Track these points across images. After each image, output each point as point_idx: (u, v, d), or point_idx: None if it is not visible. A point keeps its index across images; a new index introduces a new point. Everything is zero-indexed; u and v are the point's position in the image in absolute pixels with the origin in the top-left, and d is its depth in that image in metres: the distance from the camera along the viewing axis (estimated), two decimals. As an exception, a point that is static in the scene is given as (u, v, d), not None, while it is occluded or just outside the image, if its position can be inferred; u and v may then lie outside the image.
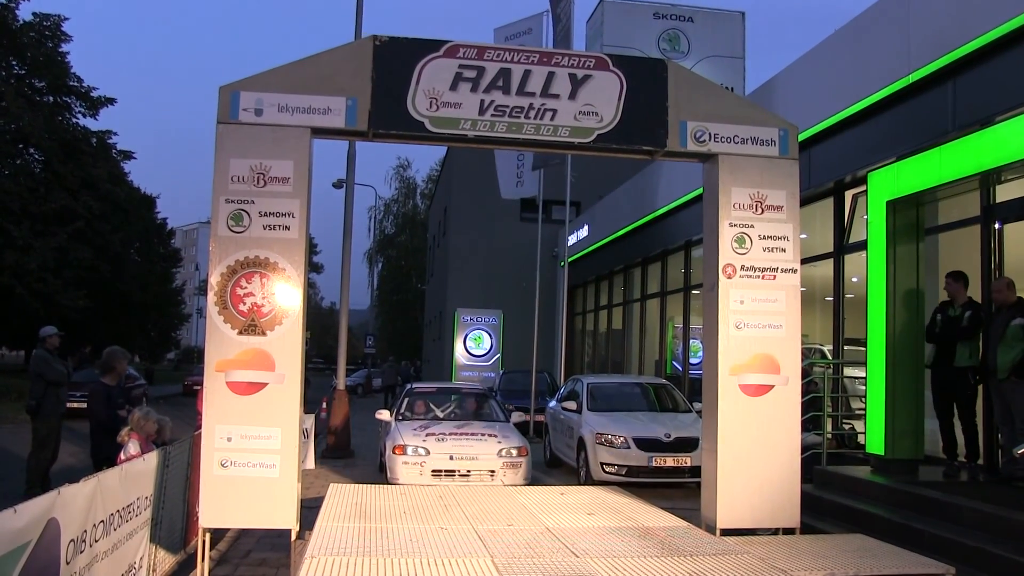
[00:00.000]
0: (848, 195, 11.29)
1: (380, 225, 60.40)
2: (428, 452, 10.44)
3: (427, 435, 10.86)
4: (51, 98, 34.89)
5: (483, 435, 10.96)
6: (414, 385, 14.51)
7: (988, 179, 8.46)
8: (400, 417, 12.13)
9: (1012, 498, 6.77)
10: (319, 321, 66.20)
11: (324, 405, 17.90)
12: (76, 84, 35.31)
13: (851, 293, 11.63)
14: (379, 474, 12.15)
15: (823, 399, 10.40)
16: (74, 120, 35.63)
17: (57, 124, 33.55)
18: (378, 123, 6.71)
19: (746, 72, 21.81)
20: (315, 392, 23.11)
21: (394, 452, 10.55)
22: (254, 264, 6.49)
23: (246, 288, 6.45)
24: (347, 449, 16.04)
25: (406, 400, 12.90)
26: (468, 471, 10.31)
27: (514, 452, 10.59)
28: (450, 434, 10.94)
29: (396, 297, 60.94)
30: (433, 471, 10.27)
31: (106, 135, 36.69)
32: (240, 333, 6.42)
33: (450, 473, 10.29)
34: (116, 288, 37.51)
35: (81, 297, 31.97)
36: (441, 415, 12.56)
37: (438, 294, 40.52)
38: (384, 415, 12.53)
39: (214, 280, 6.48)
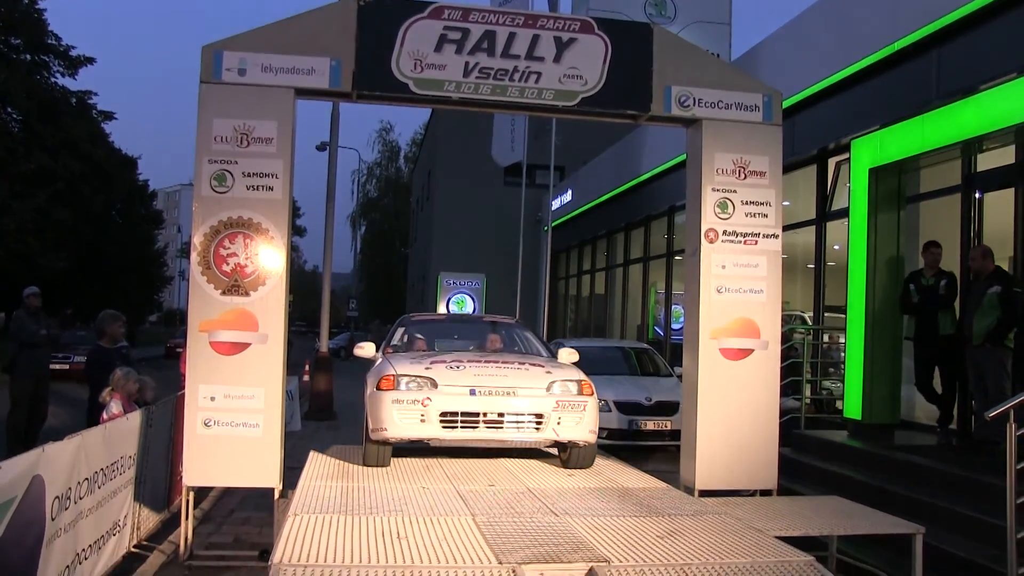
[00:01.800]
0: (831, 163, 11.34)
1: (363, 188, 60.14)
2: (434, 384, 6.79)
3: (432, 362, 7.16)
4: (28, 56, 34.29)
5: (522, 364, 7.40)
6: (412, 315, 10.01)
7: (970, 148, 8.52)
8: (391, 350, 8.18)
9: (982, 462, 6.91)
10: (302, 284, 65.93)
11: (307, 368, 17.95)
12: (54, 43, 34.68)
13: (833, 261, 11.72)
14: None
15: (803, 365, 10.53)
16: (52, 79, 35.08)
17: (35, 83, 33.01)
18: (362, 84, 6.68)
19: (732, 38, 21.70)
20: (298, 355, 23.12)
21: (379, 387, 6.86)
22: (237, 224, 6.49)
23: (229, 248, 6.45)
24: (330, 411, 16.11)
25: (400, 331, 8.74)
26: (500, 415, 6.78)
27: (572, 387, 7.03)
28: (470, 361, 7.31)
29: (379, 261, 60.80)
30: (443, 415, 6.70)
31: (86, 95, 36.17)
32: (223, 293, 6.43)
33: (471, 419, 6.76)
34: (97, 250, 37.23)
35: (61, 259, 31.71)
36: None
37: (421, 258, 40.47)
38: (366, 349, 8.20)
39: (197, 240, 6.47)
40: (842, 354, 10.55)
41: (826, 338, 11.73)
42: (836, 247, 11.48)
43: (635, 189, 18.83)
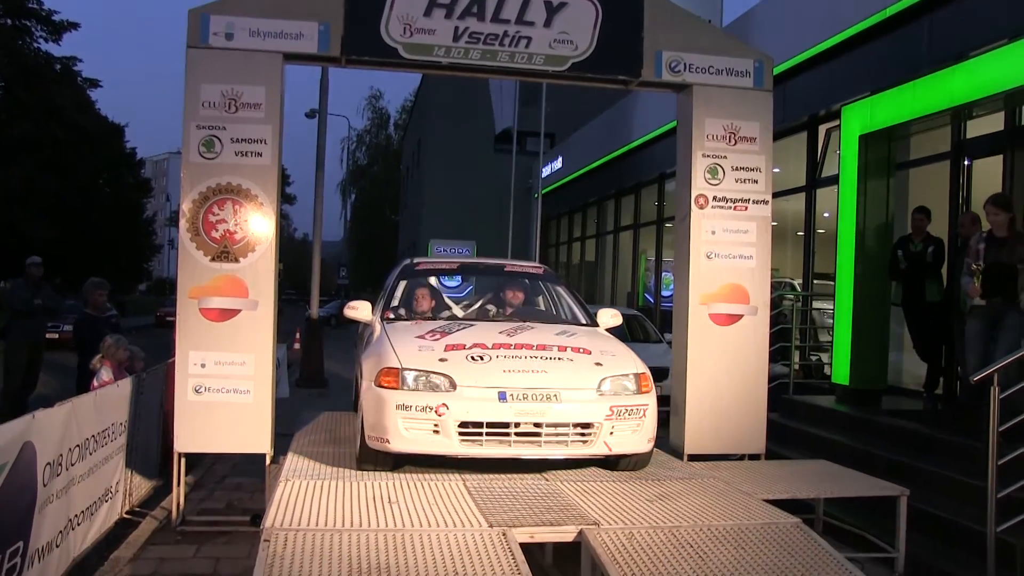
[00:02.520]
0: (822, 129, 11.34)
1: (353, 156, 59.92)
2: (452, 384, 5.40)
3: (448, 348, 5.72)
4: (9, 21, 33.85)
5: (561, 349, 5.86)
6: (416, 260, 7.86)
7: (960, 114, 8.53)
8: (391, 316, 6.78)
9: (967, 425, 6.98)
10: (292, 253, 65.75)
11: (297, 336, 17.96)
12: (36, 7, 34.27)
13: (822, 228, 11.76)
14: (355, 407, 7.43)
15: (792, 331, 10.60)
16: (35, 45, 34.67)
17: (17, 48, 32.63)
18: (351, 49, 6.63)
19: (723, 4, 21.56)
20: (288, 324, 23.11)
21: (380, 383, 5.47)
22: (226, 191, 6.45)
23: (218, 215, 6.42)
24: (321, 379, 16.15)
25: (402, 286, 7.28)
26: (538, 425, 5.34)
27: (629, 383, 5.68)
28: (497, 346, 5.78)
29: (369, 229, 60.66)
30: (464, 426, 5.29)
31: (71, 61, 35.85)
32: (212, 260, 6.41)
33: (499, 431, 5.31)
34: (85, 219, 37.00)
35: (47, 227, 31.52)
36: (469, 314, 7.05)
37: (411, 225, 40.38)
38: (359, 310, 6.79)
39: (186, 207, 6.44)
40: (830, 320, 10.61)
41: (815, 304, 11.78)
42: (826, 214, 11.51)
43: (626, 156, 18.79)
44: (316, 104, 17.85)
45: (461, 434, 5.29)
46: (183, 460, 6.58)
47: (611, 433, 5.49)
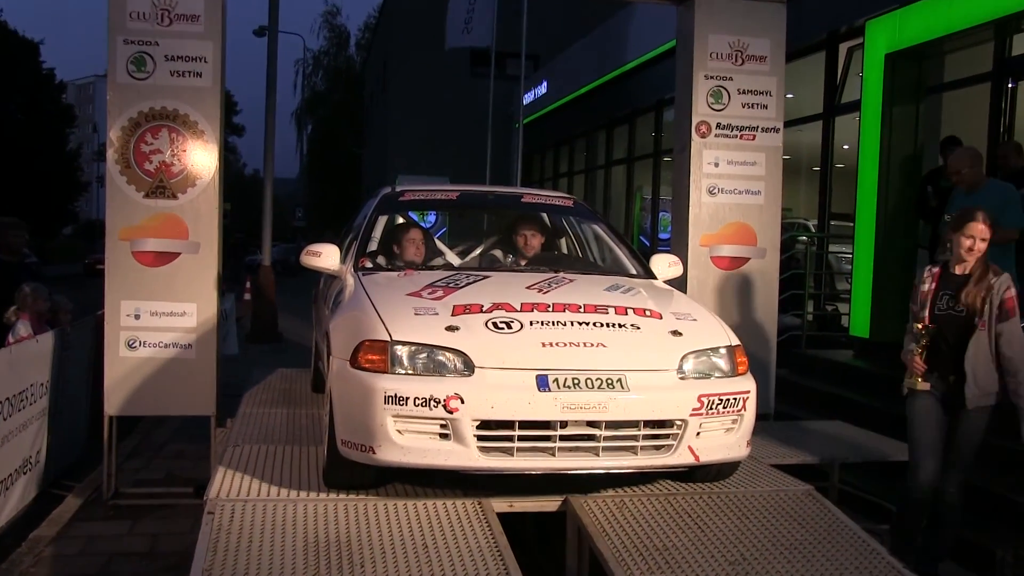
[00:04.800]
0: (842, 48, 11.25)
1: (309, 81, 59.19)
2: (468, 364, 4.24)
3: (458, 310, 4.51)
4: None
5: (620, 312, 4.67)
6: (399, 188, 6.49)
7: (1004, 28, 8.42)
8: (369, 265, 5.57)
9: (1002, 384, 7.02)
10: (241, 191, 65.13)
11: (248, 286, 17.88)
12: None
13: (841, 162, 11.73)
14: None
15: (805, 277, 10.62)
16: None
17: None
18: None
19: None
20: (233, 273, 23.04)
21: (359, 363, 4.28)
22: (161, 116, 6.36)
23: (152, 144, 6.33)
24: (274, 333, 16.12)
25: (381, 224, 6.13)
26: (593, 425, 4.20)
27: (720, 362, 4.57)
28: (528, 307, 4.58)
29: (329, 163, 60.17)
30: (484, 427, 4.14)
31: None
32: (146, 196, 6.33)
33: (538, 432, 4.19)
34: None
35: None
36: (468, 263, 5.97)
37: (377, 159, 40.09)
38: (324, 256, 5.54)
39: (114, 135, 6.34)
40: (849, 266, 10.64)
41: (831, 248, 11.80)
42: (845, 147, 11.49)
43: (619, 81, 18.64)
44: (266, 21, 17.55)
45: (481, 439, 4.13)
46: (115, 425, 6.55)
47: (698, 434, 4.37)
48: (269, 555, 3.77)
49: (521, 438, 4.15)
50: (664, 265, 5.77)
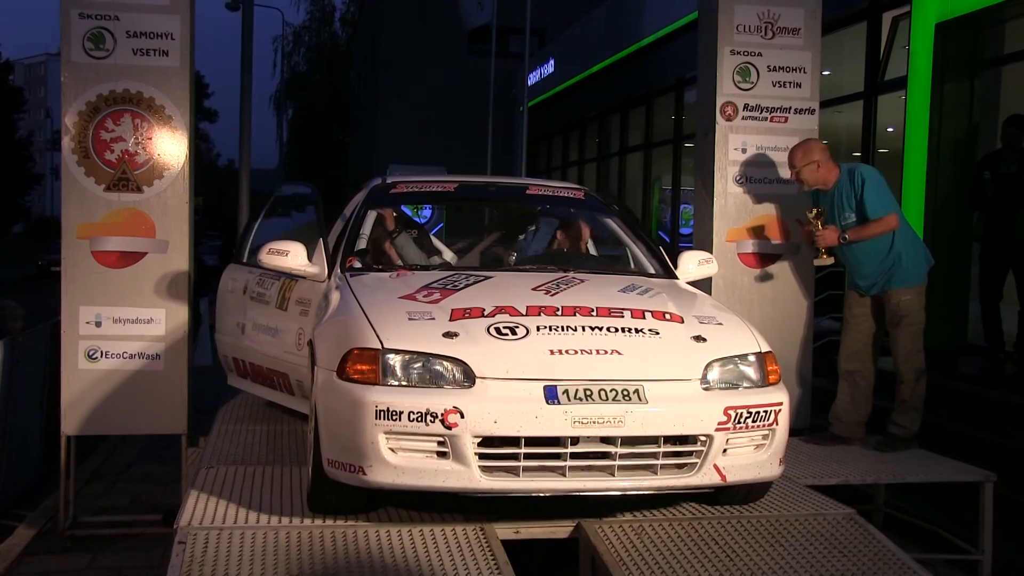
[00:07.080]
0: (886, 18, 11.23)
1: (289, 60, 59.26)
2: (468, 374, 4.22)
3: (457, 315, 4.52)
4: None
5: (637, 315, 4.68)
6: (390, 179, 6.47)
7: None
8: (357, 264, 5.60)
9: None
10: (214, 183, 65.25)
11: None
12: None
13: (884, 147, 11.72)
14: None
15: (844, 276, 10.60)
16: None
17: None
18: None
19: None
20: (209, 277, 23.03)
21: (347, 374, 4.26)
22: (123, 100, 6.39)
23: (113, 131, 6.36)
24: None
25: (370, 220, 6.07)
26: (608, 442, 4.22)
27: (749, 371, 4.56)
28: (534, 311, 4.60)
29: (312, 152, 60.27)
30: (487, 444, 4.13)
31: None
32: (108, 189, 6.36)
33: (546, 450, 4.21)
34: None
35: None
36: (467, 262, 6.27)
37: (365, 147, 40.19)
38: (291, 255, 5.37)
39: (70, 121, 6.36)
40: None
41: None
42: (890, 129, 11.47)
43: (634, 57, 18.68)
44: (239, -9, 17.62)
45: (484, 457, 4.13)
46: (73, 445, 6.56)
47: (724, 451, 4.35)
48: (247, 588, 3.78)
49: (528, 456, 4.16)
50: (694, 263, 5.81)
